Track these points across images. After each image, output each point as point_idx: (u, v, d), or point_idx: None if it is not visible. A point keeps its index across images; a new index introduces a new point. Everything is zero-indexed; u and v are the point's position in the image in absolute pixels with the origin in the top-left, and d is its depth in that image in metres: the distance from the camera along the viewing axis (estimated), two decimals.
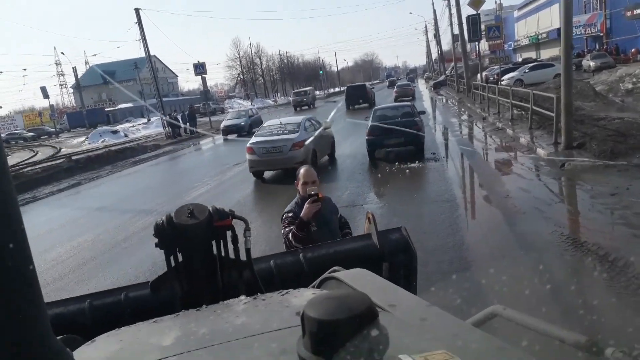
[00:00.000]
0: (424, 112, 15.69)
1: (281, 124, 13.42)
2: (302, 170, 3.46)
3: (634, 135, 10.49)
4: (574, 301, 4.34)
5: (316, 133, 12.99)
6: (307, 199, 3.17)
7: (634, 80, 19.62)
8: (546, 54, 50.67)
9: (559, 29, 47.11)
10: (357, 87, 38.35)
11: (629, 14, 34.87)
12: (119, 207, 12.21)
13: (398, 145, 12.78)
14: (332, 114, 25.19)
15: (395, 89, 39.96)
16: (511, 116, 16.64)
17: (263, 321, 1.06)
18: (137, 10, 30.34)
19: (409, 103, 15.33)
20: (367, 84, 45.63)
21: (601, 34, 40.90)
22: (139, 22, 30.42)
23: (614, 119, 12.68)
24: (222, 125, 28.43)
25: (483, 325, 1.19)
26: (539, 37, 53.71)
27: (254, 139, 12.83)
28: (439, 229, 7.13)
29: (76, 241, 9.27)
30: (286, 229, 3.28)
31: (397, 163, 12.11)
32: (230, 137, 26.08)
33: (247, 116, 29.13)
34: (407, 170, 11.40)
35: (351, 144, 16.85)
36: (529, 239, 6.26)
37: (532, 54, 55.84)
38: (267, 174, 12.76)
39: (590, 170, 8.99)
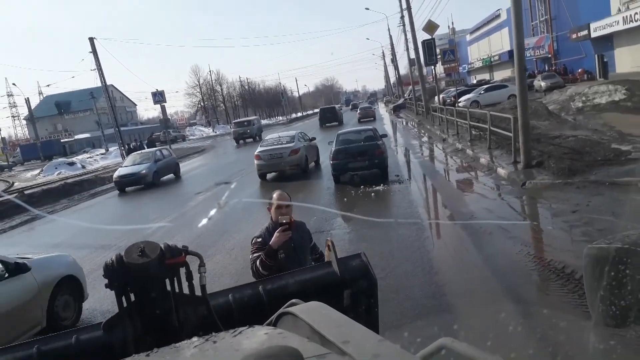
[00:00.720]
0: (385, 136, 15.86)
1: (279, 137, 17.13)
2: (275, 195, 3.41)
3: (589, 152, 10.85)
4: (542, 322, 4.32)
5: (305, 144, 16.54)
6: (278, 226, 3.13)
7: (584, 99, 20.48)
8: (499, 75, 52.61)
9: (510, 51, 49.15)
10: (329, 109, 45.90)
11: (574, 36, 36.64)
12: (75, 243, 11.65)
13: (362, 168, 12.81)
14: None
15: (358, 111, 45.73)
16: (470, 137, 17.01)
17: None
18: (91, 40, 29.86)
19: (371, 127, 15.47)
20: (337, 106, 54.91)
21: (549, 56, 42.79)
22: (94, 51, 29.91)
23: (568, 137, 13.13)
24: (115, 175, 20.68)
25: (432, 358, 1.20)
26: (492, 59, 55.77)
27: (260, 149, 16.28)
28: (408, 252, 7.08)
29: None
30: (254, 255, 3.23)
31: (362, 186, 12.10)
32: (129, 189, 20.12)
33: (153, 160, 20.58)
34: (373, 194, 11.39)
35: (315, 167, 16.83)
36: (497, 261, 6.27)
37: (486, 76, 57.87)
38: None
39: (551, 188, 9.18)
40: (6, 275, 5.59)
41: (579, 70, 37.70)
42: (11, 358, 1.71)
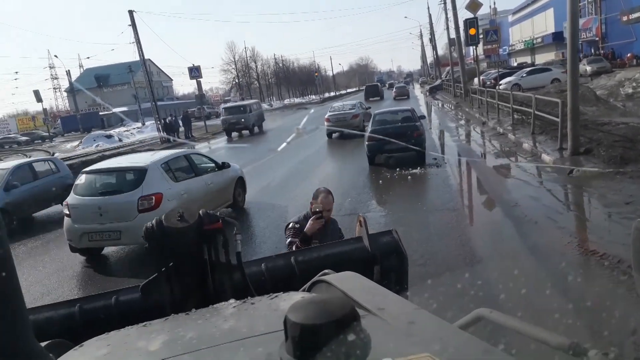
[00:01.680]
0: (424, 117, 15.42)
1: (344, 104, 23.18)
2: (320, 197, 3.52)
3: None
4: (600, 317, 4.04)
5: (362, 111, 22.00)
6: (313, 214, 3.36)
7: (634, 84, 19.43)
8: (541, 58, 50.64)
9: (554, 34, 47.21)
10: (373, 86, 56.10)
11: (625, 18, 34.78)
12: None
13: (399, 150, 12.46)
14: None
15: (394, 90, 51.24)
16: (512, 121, 16.38)
17: (250, 325, 1.07)
18: (130, 13, 29.98)
19: (409, 108, 15.03)
20: (379, 84, 63.69)
21: (597, 39, 40.85)
22: (133, 24, 30.04)
23: (619, 124, 12.42)
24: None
25: (470, 328, 1.21)
26: (534, 41, 53.70)
27: (329, 114, 21.79)
28: (448, 240, 6.82)
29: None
30: (288, 240, 3.42)
31: (398, 169, 11.78)
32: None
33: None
34: (409, 177, 11.09)
35: (351, 149, 16.56)
36: (545, 252, 5.93)
37: (527, 59, 55.77)
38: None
39: (600, 178, 8.69)
40: (216, 169, 9.24)
41: (628, 54, 35.85)
42: (55, 315, 1.77)
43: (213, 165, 9.38)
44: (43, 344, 1.17)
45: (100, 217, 7.27)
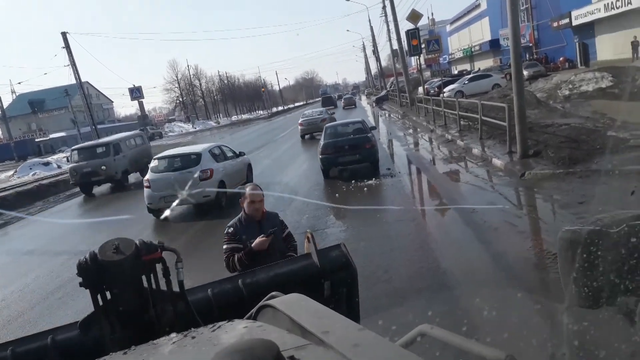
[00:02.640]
0: (374, 128, 15.43)
1: (313, 112, 27.98)
2: (248, 189, 3.56)
3: (586, 140, 10.53)
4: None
5: (328, 116, 25.83)
6: (253, 218, 3.39)
7: (570, 86, 20.29)
8: (480, 65, 52.54)
9: (490, 41, 49.03)
10: (328, 97, 63.52)
11: (555, 24, 36.62)
12: (51, 248, 10.97)
13: (353, 162, 12.33)
14: None
15: (342, 100, 56.82)
16: (459, 127, 16.66)
17: None
18: (64, 35, 28.75)
19: (360, 119, 14.98)
20: (333, 95, 75.98)
21: (530, 45, 42.77)
22: (67, 46, 28.81)
23: (561, 125, 12.80)
24: None
25: (412, 345, 1.24)
26: (472, 49, 55.71)
27: (302, 119, 26.07)
28: (411, 252, 6.64)
29: (1, 293, 8.08)
30: (227, 246, 3.40)
31: (353, 181, 11.62)
32: None
33: None
34: (365, 188, 10.93)
35: (303, 162, 16.32)
36: (509, 258, 5.85)
37: (467, 66, 57.77)
38: None
39: (552, 179, 8.83)
40: (235, 156, 12.46)
41: (560, 58, 37.73)
42: None
43: (233, 153, 12.73)
44: None
45: (173, 186, 10.13)
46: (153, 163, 11.95)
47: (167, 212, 11.38)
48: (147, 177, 11.48)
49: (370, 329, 1.06)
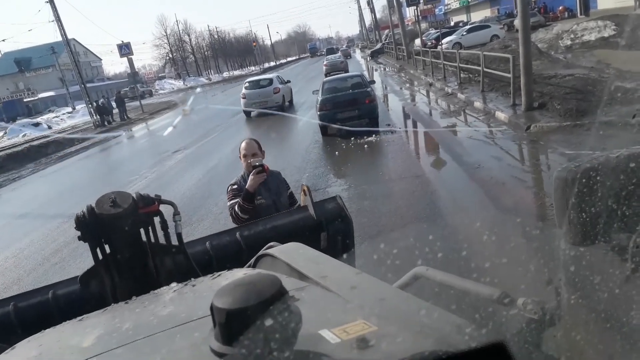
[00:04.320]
0: (373, 82, 14.98)
1: (334, 57, 36.51)
2: (242, 144, 3.42)
3: (592, 91, 10.20)
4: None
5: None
6: (252, 172, 3.17)
7: (572, 36, 19.76)
8: (476, 16, 51.26)
9: None
10: (331, 48, 65.74)
11: None
12: (46, 212, 10.75)
13: (352, 119, 11.98)
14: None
15: (340, 52, 51.85)
16: (459, 80, 16.22)
17: (189, 310, 1.05)
18: None
19: (358, 73, 14.52)
20: (336, 47, 76.76)
21: None
22: (51, 1, 27.58)
23: (565, 76, 12.42)
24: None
25: (409, 286, 1.29)
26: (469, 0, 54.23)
27: (325, 62, 33.37)
28: (417, 210, 6.44)
29: None
30: (231, 202, 3.29)
31: (352, 138, 11.32)
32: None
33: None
34: (365, 145, 10.65)
35: (300, 119, 15.94)
36: (520, 214, 5.66)
37: (463, 17, 56.40)
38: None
39: (559, 131, 8.59)
40: (285, 82, 21.03)
41: (560, 8, 36.79)
42: None
43: (285, 80, 21.02)
44: None
45: (258, 96, 19.24)
46: (245, 84, 20.43)
47: (254, 113, 18.82)
48: (242, 92, 20.01)
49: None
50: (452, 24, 51.29)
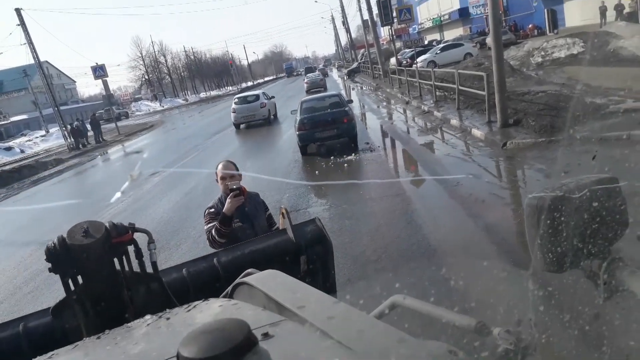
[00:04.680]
0: (351, 101, 15.09)
1: (314, 75, 37.22)
2: (219, 166, 3.36)
3: (565, 107, 10.45)
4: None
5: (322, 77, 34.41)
6: (229, 194, 3.12)
7: (542, 53, 20.28)
8: (449, 34, 52.29)
9: (460, 10, 48.79)
10: (310, 67, 71.56)
11: None
12: (18, 239, 10.43)
13: (331, 138, 12.02)
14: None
15: (305, 81, 45.53)
16: (435, 98, 16.46)
17: (160, 348, 1.03)
18: (18, 11, 27.13)
19: (336, 93, 14.61)
20: (315, 66, 78.86)
21: (500, 12, 42.70)
22: (22, 24, 27.24)
23: (538, 93, 12.71)
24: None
25: (387, 315, 1.29)
26: (442, 18, 55.36)
27: (306, 79, 35.19)
28: (398, 229, 6.42)
29: None
30: (208, 225, 3.23)
31: (332, 157, 11.33)
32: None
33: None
34: (345, 164, 10.66)
35: (279, 139, 15.94)
36: (499, 231, 5.69)
37: (437, 36, 57.50)
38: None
39: (535, 148, 8.73)
40: (270, 98, 23.91)
41: (529, 25, 37.80)
42: None
43: (269, 96, 23.47)
44: None
45: (247, 111, 21.56)
46: (234, 100, 23.17)
47: (242, 126, 21.91)
48: (232, 107, 22.44)
49: (345, 302, 1.08)
50: (426, 42, 52.19)
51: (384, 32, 60.29)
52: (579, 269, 1.12)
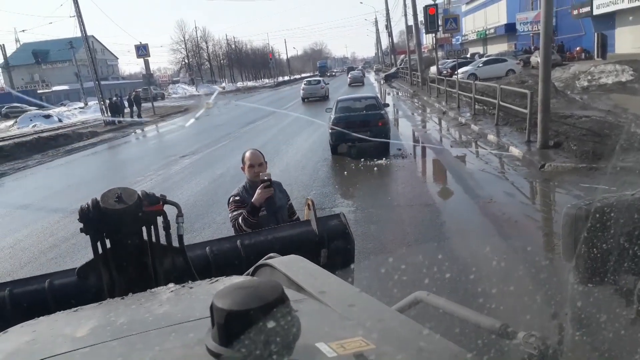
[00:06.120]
0: (387, 105, 14.92)
1: (310, 81, 35.60)
2: (247, 154, 3.35)
3: (609, 135, 10.09)
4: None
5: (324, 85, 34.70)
6: (257, 183, 3.10)
7: (589, 78, 19.73)
8: (493, 49, 51.47)
9: (506, 25, 48.00)
10: (352, 67, 75.77)
11: (575, 12, 35.61)
12: (47, 204, 10.64)
13: (363, 139, 11.88)
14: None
15: (349, 76, 52.75)
16: (473, 111, 16.16)
17: (185, 310, 1.05)
18: None
19: (373, 95, 14.48)
20: (357, 67, 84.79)
21: (552, 30, 41.77)
22: None
23: (581, 117, 12.34)
24: None
25: (408, 310, 1.27)
26: (487, 32, 54.50)
27: (303, 86, 33.92)
28: (426, 239, 6.28)
29: None
30: (234, 213, 3.21)
31: (362, 159, 11.21)
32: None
33: None
34: (375, 168, 10.53)
35: (310, 135, 15.89)
36: (535, 256, 5.49)
37: (480, 49, 56.61)
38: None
39: (574, 173, 8.45)
40: (326, 84, 35.23)
41: (577, 48, 36.87)
42: None
43: (325, 82, 35.53)
44: None
45: (312, 89, 32.83)
46: (304, 82, 34.29)
47: (307, 99, 30.90)
48: (302, 87, 32.99)
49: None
50: (468, 55, 51.50)
51: (426, 40, 59.78)
52: (616, 282, 1.10)
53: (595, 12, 32.72)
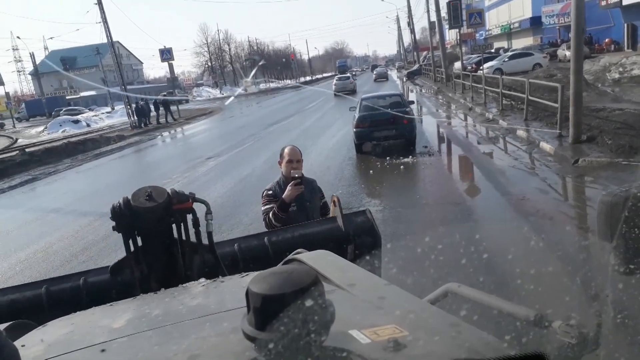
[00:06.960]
0: (413, 102, 14.73)
1: (341, 77, 44.26)
2: (286, 149, 3.39)
3: None
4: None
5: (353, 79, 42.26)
6: (290, 180, 3.15)
7: (620, 69, 19.14)
8: (518, 43, 50.51)
9: (531, 18, 47.05)
10: (375, 65, 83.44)
11: (603, 3, 34.69)
12: (77, 208, 10.81)
13: (389, 137, 11.74)
14: None
15: (374, 73, 57.90)
16: (501, 107, 15.81)
17: (218, 302, 1.09)
18: None
19: (398, 92, 14.31)
20: (381, 64, 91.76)
21: (583, 22, 40.75)
22: (99, 3, 28.37)
23: (614, 110, 11.95)
24: None
25: (439, 302, 1.26)
26: (511, 26, 53.52)
27: (335, 81, 40.76)
28: (458, 241, 6.11)
29: (24, 252, 7.91)
30: (265, 207, 3.27)
31: (387, 157, 11.06)
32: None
33: None
34: (401, 166, 10.37)
35: (334, 135, 15.80)
36: (574, 254, 5.28)
37: (504, 43, 55.64)
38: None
39: (609, 168, 8.15)
40: (354, 80, 43.06)
41: (606, 40, 35.92)
42: (20, 297, 1.76)
43: (354, 78, 43.84)
44: (3, 325, 1.20)
45: (342, 85, 37.66)
46: (336, 78, 42.84)
47: (339, 93, 29.76)
48: (334, 82, 39.24)
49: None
50: (493, 49, 50.65)
51: (449, 36, 58.96)
52: None
53: (625, 2, 31.84)
